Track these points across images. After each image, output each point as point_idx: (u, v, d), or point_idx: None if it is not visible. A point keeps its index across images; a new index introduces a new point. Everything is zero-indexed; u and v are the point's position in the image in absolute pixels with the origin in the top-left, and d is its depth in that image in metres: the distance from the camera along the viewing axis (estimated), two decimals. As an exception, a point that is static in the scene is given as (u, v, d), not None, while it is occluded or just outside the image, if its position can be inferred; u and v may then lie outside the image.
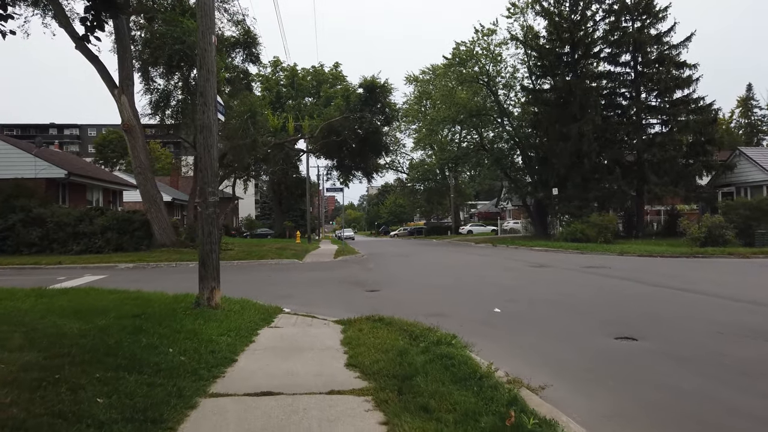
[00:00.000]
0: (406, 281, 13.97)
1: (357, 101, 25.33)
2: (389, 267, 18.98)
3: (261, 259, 21.85)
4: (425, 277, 15.17)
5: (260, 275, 16.07)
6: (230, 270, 18.25)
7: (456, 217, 60.61)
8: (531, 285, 12.61)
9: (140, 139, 24.32)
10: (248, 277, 15.54)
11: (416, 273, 16.44)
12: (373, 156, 27.39)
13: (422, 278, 14.80)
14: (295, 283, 13.76)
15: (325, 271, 17.57)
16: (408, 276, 15.55)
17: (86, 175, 31.61)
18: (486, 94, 41.58)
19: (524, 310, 9.28)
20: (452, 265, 19.29)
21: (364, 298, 10.97)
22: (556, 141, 35.34)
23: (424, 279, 14.54)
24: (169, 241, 24.30)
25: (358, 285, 13.11)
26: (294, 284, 13.62)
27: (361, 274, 15.98)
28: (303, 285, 13.40)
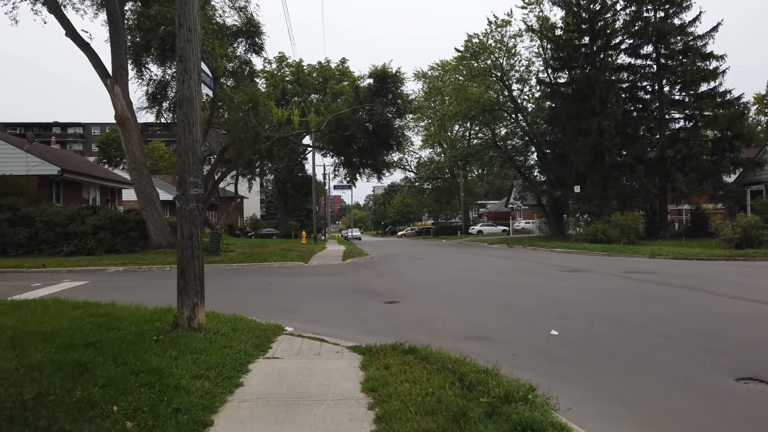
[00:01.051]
0: (428, 289, 12.04)
1: (366, 92, 23.38)
2: (404, 271, 17.06)
3: (263, 261, 20.00)
4: (448, 284, 13.24)
5: (260, 281, 14.20)
6: (228, 274, 16.41)
7: (466, 217, 58.59)
8: (576, 295, 10.67)
9: (135, 132, 22.53)
10: (246, 284, 13.68)
11: (436, 279, 14.51)
12: (384, 151, 25.39)
13: (445, 285, 12.87)
14: (299, 292, 11.88)
15: (333, 277, 15.69)
16: (427, 282, 13.63)
17: (82, 173, 29.88)
18: (500, 88, 39.61)
19: (588, 333, 7.35)
20: (473, 268, 17.36)
21: (382, 313, 9.08)
22: (574, 137, 33.33)
23: (447, 286, 12.62)
24: (165, 242, 22.49)
25: (373, 294, 11.21)
26: (298, 293, 11.73)
27: (374, 281, 14.07)
28: (308, 294, 11.51)
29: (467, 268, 17.40)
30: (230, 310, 9.20)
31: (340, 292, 11.68)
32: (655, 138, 34.50)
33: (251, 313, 8.77)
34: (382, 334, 7.34)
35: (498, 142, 40.87)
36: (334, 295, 11.28)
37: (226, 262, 19.33)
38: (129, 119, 22.34)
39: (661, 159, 33.73)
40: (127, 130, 22.30)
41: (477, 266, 18.49)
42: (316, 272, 17.34)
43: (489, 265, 19.13)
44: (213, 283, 13.90)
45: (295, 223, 56.10)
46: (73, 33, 22.12)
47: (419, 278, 14.66)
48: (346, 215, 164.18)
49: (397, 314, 8.89)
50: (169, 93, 24.32)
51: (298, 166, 50.79)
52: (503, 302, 9.89)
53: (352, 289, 12.14)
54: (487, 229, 57.85)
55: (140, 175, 22.52)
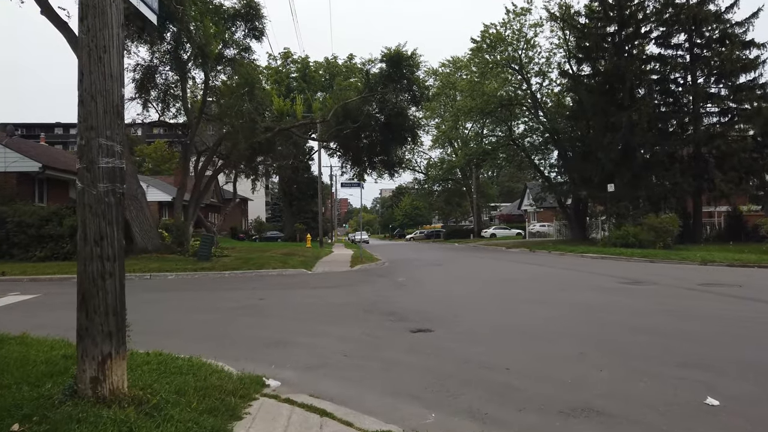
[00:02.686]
0: (466, 310, 9.09)
1: (378, 78, 20.51)
2: (426, 282, 14.10)
3: (260, 268, 17.15)
4: (490, 302, 10.26)
5: (251, 295, 11.33)
6: (214, 286, 13.57)
7: (478, 220, 55.56)
8: (683, 323, 7.68)
9: (118, 122, 19.76)
10: (233, 299, 10.81)
11: (470, 293, 11.55)
12: (397, 145, 22.48)
13: (487, 304, 9.91)
14: (297, 313, 8.99)
15: (341, 289, 12.79)
16: (461, 298, 10.68)
17: (67, 170, 27.13)
18: (517, 82, 36.66)
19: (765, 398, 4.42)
20: (510, 278, 14.40)
21: (413, 351, 6.19)
22: (602, 132, 30.36)
23: (492, 307, 9.64)
24: (152, 246, 19.74)
25: (394, 317, 8.31)
26: (296, 314, 8.85)
27: (392, 295, 11.15)
28: (309, 316, 8.62)
29: (503, 279, 14.44)
30: (197, 343, 6.40)
31: (351, 313, 8.77)
32: (687, 134, 31.47)
33: (224, 350, 5.94)
34: (420, 396, 4.52)
35: (516, 139, 37.90)
36: (343, 317, 8.38)
37: (217, 269, 16.50)
38: (111, 107, 19.58)
39: (695, 156, 30.75)
40: (109, 120, 19.53)
41: (512, 275, 15.53)
42: (320, 282, 14.46)
43: (524, 274, 16.18)
44: (189, 299, 11.00)
45: (301, 226, 53.37)
46: (49, 11, 19.41)
47: (449, 292, 11.71)
48: (353, 218, 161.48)
49: (434, 354, 5.99)
50: (158, 79, 21.57)
51: (303, 167, 48.08)
52: (587, 335, 6.91)
53: (366, 308, 9.23)
54: (501, 232, 54.82)
55: (124, 171, 19.74)
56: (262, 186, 33.25)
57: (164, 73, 21.58)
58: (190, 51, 20.61)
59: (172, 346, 6.21)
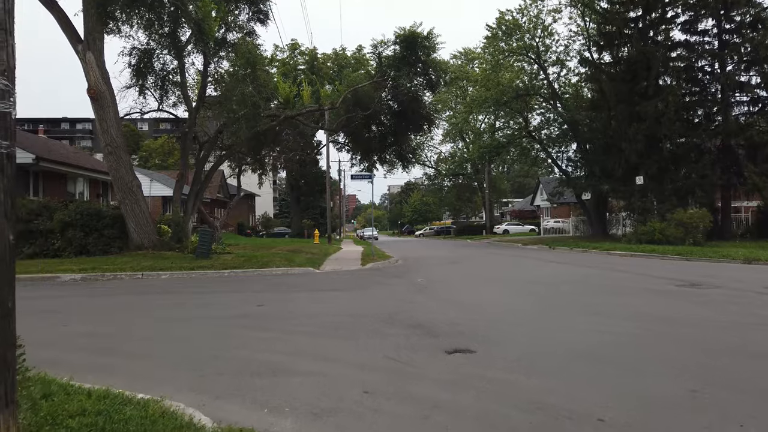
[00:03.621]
0: (510, 323, 7.33)
1: (391, 61, 18.80)
2: (450, 284, 12.39)
3: (263, 267, 15.55)
4: (535, 311, 8.40)
5: (249, 300, 9.71)
6: (209, 287, 11.99)
7: (490, 216, 53.69)
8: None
9: (112, 108, 18.27)
10: (227, 305, 9.22)
11: (507, 300, 9.77)
12: (413, 132, 20.75)
13: (532, 315, 8.11)
14: (302, 324, 7.34)
15: (353, 292, 11.15)
16: (498, 306, 8.97)
17: (64, 162, 25.72)
18: (534, 72, 34.80)
19: None
20: (544, 280, 12.68)
21: (458, 387, 4.53)
22: (626, 122, 28.51)
23: (539, 317, 7.83)
24: (148, 242, 18.21)
25: (422, 332, 6.65)
26: (300, 327, 7.20)
27: (414, 301, 9.47)
28: (317, 330, 6.95)
29: (534, 280, 12.72)
30: (171, 369, 4.82)
31: (368, 325, 7.11)
32: (714, 125, 29.52)
33: (204, 382, 4.33)
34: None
35: (532, 131, 36.05)
36: (359, 331, 6.72)
37: (216, 268, 14.92)
38: (104, 93, 18.08)
39: (724, 148, 28.82)
40: (102, 106, 18.03)
41: (543, 276, 13.81)
42: (329, 284, 12.84)
43: (558, 274, 14.47)
44: (176, 305, 9.25)
45: (309, 222, 51.86)
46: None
47: (478, 297, 9.99)
48: (361, 214, 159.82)
49: (485, 389, 4.34)
50: (155, 63, 19.98)
51: (311, 161, 46.47)
52: (683, 361, 5.13)
53: (385, 318, 7.57)
54: (513, 228, 52.96)
55: (118, 161, 18.23)
56: (269, 181, 31.69)
57: (162, 57, 20.00)
58: (189, 33, 19.05)
59: (134, 375, 4.62)
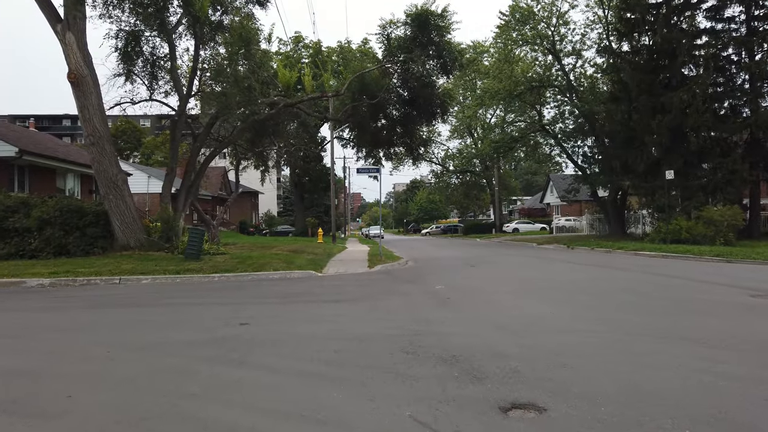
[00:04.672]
0: (577, 355, 5.24)
1: (401, 42, 16.88)
2: (476, 293, 10.32)
3: (259, 270, 13.70)
4: (600, 335, 6.18)
5: (231, 317, 7.77)
6: (190, 296, 10.14)
7: (500, 214, 51.66)
8: None
9: (94, 95, 16.47)
10: (199, 326, 7.34)
11: (557, 317, 7.42)
12: (425, 121, 18.82)
13: (598, 341, 6.04)
14: (295, 356, 5.37)
15: (360, 304, 9.25)
16: (548, 326, 6.81)
17: (52, 156, 23.95)
18: (548, 63, 32.79)
19: None
20: (587, 289, 10.61)
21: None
22: (649, 114, 26.51)
23: (611, 345, 5.78)
24: (135, 241, 16.41)
25: (460, 370, 4.74)
26: (288, 357, 5.27)
27: (439, 318, 7.43)
28: (310, 366, 4.97)
29: (581, 289, 10.64)
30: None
31: (384, 357, 5.19)
32: (741, 117, 27.47)
33: None
34: None
35: (546, 125, 34.04)
36: (369, 369, 4.80)
37: (206, 272, 13.09)
38: (86, 77, 16.29)
39: (752, 141, 26.82)
40: (83, 92, 16.23)
41: (588, 284, 11.80)
42: (333, 292, 10.96)
43: (599, 281, 12.52)
44: (138, 325, 6.90)
45: (313, 220, 50.09)
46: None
47: (522, 313, 7.71)
48: (366, 213, 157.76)
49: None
50: (143, 47, 18.15)
51: (315, 157, 44.61)
52: None
53: (404, 345, 5.65)
54: (523, 227, 50.94)
55: (101, 152, 16.43)
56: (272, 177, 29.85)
57: (152, 41, 18.18)
58: (180, 14, 17.24)
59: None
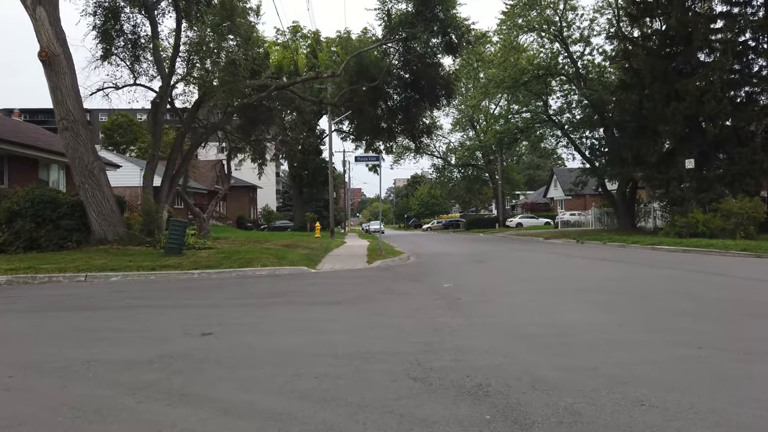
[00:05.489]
0: (653, 385, 3.84)
1: (402, 18, 15.36)
2: (490, 292, 8.82)
3: (246, 266, 12.23)
4: (673, 351, 4.66)
5: (194, 323, 6.28)
6: (160, 296, 8.69)
7: (503, 208, 50.19)
8: None
9: (68, 75, 14.95)
10: (154, 333, 5.87)
11: (601, 325, 5.93)
12: (429, 104, 17.33)
13: (680, 363, 4.57)
14: (257, 383, 3.91)
15: (356, 307, 7.76)
16: (597, 340, 5.15)
17: (31, 145, 22.43)
18: (555, 50, 31.26)
19: None
20: (622, 289, 8.94)
21: None
22: (663, 102, 25.00)
23: (691, 362, 4.28)
24: (113, 235, 14.94)
25: (489, 408, 3.32)
26: (252, 389, 3.83)
27: (451, 327, 5.86)
28: (280, 404, 3.51)
29: (615, 289, 8.97)
30: None
31: (383, 389, 3.72)
32: (759, 106, 25.94)
33: None
34: None
35: (553, 115, 32.52)
36: (366, 410, 3.35)
37: (185, 268, 11.64)
38: (59, 56, 14.78)
39: None
40: (56, 72, 14.72)
41: (619, 283, 10.29)
42: (325, 291, 9.50)
43: (631, 280, 11.02)
44: (76, 334, 5.65)
45: (312, 215, 48.59)
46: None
47: (555, 320, 6.02)
48: (367, 208, 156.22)
49: None
50: (124, 25, 16.63)
51: (313, 149, 43.13)
52: None
53: (411, 368, 4.18)
54: (527, 221, 49.50)
55: (75, 138, 14.93)
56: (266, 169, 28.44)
57: (132, 18, 16.65)
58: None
59: None
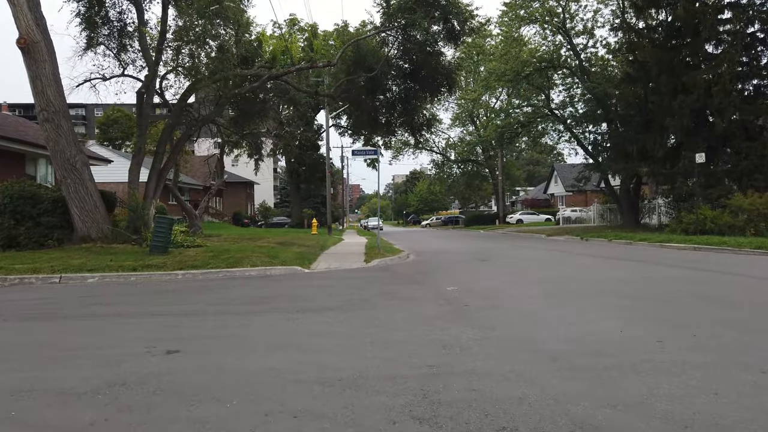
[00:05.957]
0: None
1: (402, 2, 14.51)
2: (499, 297, 7.88)
3: (234, 266, 11.40)
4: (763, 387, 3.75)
5: (160, 337, 5.49)
6: (136, 300, 7.87)
7: (503, 204, 49.41)
8: None
9: (48, 64, 14.09)
10: (111, 351, 5.05)
11: (645, 344, 5.10)
12: (429, 95, 16.49)
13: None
14: (219, 425, 3.14)
15: (350, 315, 6.92)
16: (653, 362, 4.34)
17: (18, 139, 21.56)
18: (557, 43, 30.42)
19: None
20: (651, 294, 7.94)
21: None
22: (670, 95, 24.19)
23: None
24: (96, 232, 14.12)
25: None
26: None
27: (463, 342, 4.74)
28: None
29: (638, 293, 8.21)
30: None
31: (376, 429, 2.98)
32: (766, 100, 25.15)
33: None
34: None
35: (555, 109, 31.70)
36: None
37: (169, 268, 10.82)
38: (38, 43, 13.92)
39: (780, 124, 24.56)
40: (36, 60, 13.87)
41: (645, 287, 9.48)
42: (316, 295, 8.69)
43: (657, 282, 10.25)
44: (16, 349, 4.90)
45: (310, 212, 47.78)
46: None
47: (586, 331, 5.16)
48: (365, 204, 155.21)
49: None
50: (109, 12, 15.75)
51: (311, 145, 42.27)
52: None
53: (414, 404, 3.31)
54: (528, 218, 48.73)
55: (56, 130, 14.08)
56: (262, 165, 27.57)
57: (118, 4, 15.77)
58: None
59: None
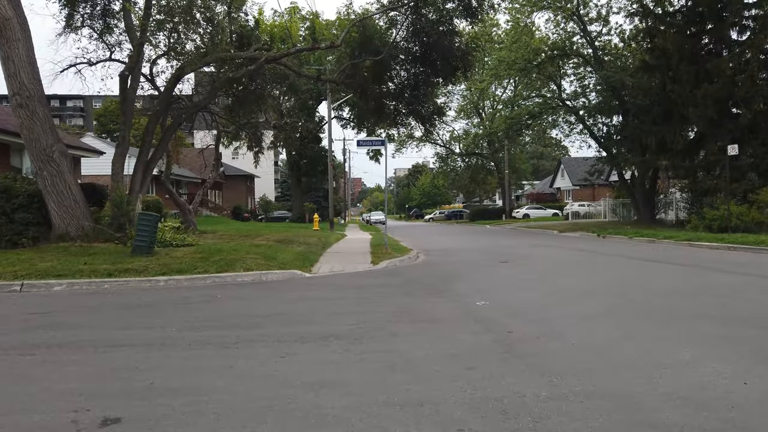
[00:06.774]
0: None
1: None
2: (552, 322, 6.10)
3: (224, 270, 9.97)
4: None
5: (102, 391, 4.08)
6: (93, 320, 6.43)
7: (509, 198, 47.95)
8: None
9: (22, 43, 12.65)
10: (38, 407, 3.62)
11: None
12: (443, 79, 15.03)
13: None
14: None
15: (364, 348, 5.42)
16: None
17: (5, 130, 20.10)
18: (570, 31, 28.87)
19: None
20: (738, 313, 6.05)
21: None
22: (691, 84, 22.65)
23: None
24: (75, 229, 12.74)
25: None
26: None
27: (529, 405, 3.12)
28: None
29: (721, 311, 6.36)
30: None
31: None
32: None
33: None
34: None
35: (566, 100, 30.19)
36: None
37: (151, 273, 9.42)
38: (10, 20, 12.47)
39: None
40: (7, 40, 12.44)
41: (706, 299, 7.59)
42: (318, 311, 7.27)
43: (713, 289, 8.67)
44: None
45: (311, 205, 46.34)
46: None
47: (696, 384, 3.44)
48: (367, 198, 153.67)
49: None
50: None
51: (312, 137, 40.74)
52: None
53: None
54: (534, 212, 47.28)
55: (31, 116, 12.64)
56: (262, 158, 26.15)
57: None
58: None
59: None
